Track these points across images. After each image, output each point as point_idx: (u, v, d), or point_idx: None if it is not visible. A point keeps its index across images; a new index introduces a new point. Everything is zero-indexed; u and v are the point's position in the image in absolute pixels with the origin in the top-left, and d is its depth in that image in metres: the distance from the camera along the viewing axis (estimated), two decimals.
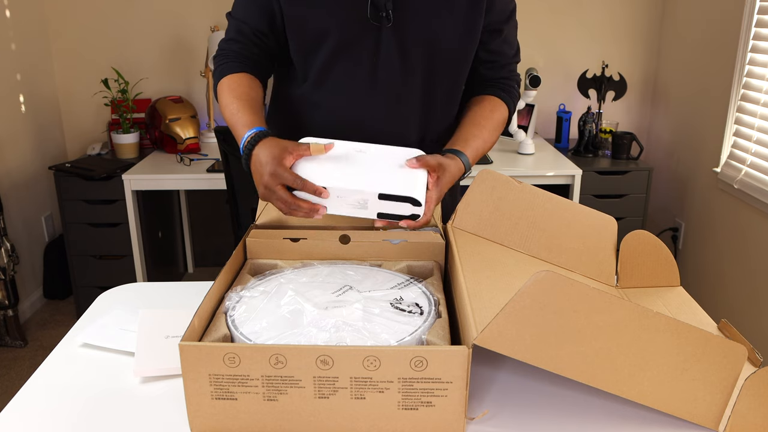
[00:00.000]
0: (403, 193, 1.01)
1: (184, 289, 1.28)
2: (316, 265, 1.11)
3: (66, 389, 0.95)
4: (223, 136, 2.30)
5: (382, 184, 1.02)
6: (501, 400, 0.92)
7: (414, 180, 1.04)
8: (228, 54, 1.23)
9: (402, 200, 1.02)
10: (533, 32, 3.15)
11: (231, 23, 1.25)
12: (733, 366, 0.81)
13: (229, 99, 1.17)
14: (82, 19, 3.05)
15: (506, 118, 1.31)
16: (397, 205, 1.02)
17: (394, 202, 1.02)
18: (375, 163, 1.05)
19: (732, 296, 2.59)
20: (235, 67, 1.21)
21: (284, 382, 0.80)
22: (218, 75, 1.23)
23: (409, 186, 1.02)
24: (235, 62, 1.21)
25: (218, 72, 1.23)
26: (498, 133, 1.28)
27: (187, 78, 3.16)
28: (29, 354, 2.64)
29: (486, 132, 1.24)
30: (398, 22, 1.18)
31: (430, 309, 0.96)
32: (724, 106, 2.61)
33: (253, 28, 1.21)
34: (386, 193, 1.01)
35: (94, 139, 3.21)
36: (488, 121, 1.26)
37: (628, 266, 1.15)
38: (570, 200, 1.18)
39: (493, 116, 1.27)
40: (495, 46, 1.27)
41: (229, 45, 1.24)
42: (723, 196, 2.63)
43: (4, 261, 2.57)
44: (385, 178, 1.03)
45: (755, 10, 2.40)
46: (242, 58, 1.22)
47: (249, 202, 2.42)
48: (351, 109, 1.23)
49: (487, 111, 1.27)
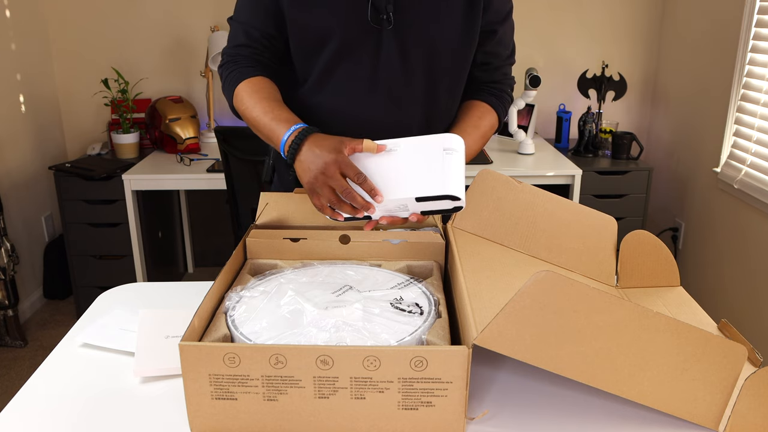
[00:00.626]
0: (440, 193, 0.99)
1: (184, 289, 1.28)
2: (316, 265, 1.11)
3: (66, 389, 0.95)
4: (223, 136, 2.30)
5: (418, 188, 1.00)
6: (501, 400, 0.92)
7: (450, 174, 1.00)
8: (239, 60, 1.21)
9: (441, 198, 1.00)
10: (533, 32, 3.15)
11: (237, 28, 1.22)
12: (733, 366, 0.81)
13: (253, 101, 1.14)
14: (82, 19, 3.05)
15: (495, 125, 1.31)
16: (437, 203, 1.01)
17: (434, 201, 1.01)
18: (408, 163, 1.02)
19: (732, 296, 2.59)
20: (250, 71, 1.19)
21: (284, 382, 0.80)
22: (234, 81, 1.19)
23: (445, 183, 0.99)
24: (249, 67, 1.19)
25: (233, 78, 1.19)
26: (485, 140, 1.28)
27: (187, 78, 3.16)
28: (29, 354, 2.64)
29: (470, 140, 1.24)
30: (399, 24, 1.18)
31: (430, 309, 0.96)
32: (724, 106, 2.61)
33: (263, 32, 1.20)
34: (423, 196, 1.00)
35: (94, 139, 3.21)
36: (474, 129, 1.26)
37: (628, 266, 1.15)
38: (570, 200, 1.18)
39: (480, 124, 1.27)
40: (489, 47, 1.27)
41: (239, 51, 1.21)
42: (723, 196, 2.63)
43: (4, 261, 2.57)
44: (420, 180, 1.00)
45: (755, 10, 2.40)
46: (255, 63, 1.21)
47: (249, 202, 2.42)
48: (352, 111, 1.23)
49: (475, 119, 1.28)
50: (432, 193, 0.99)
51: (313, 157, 1.02)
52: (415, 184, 1.00)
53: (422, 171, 1.01)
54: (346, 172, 1.00)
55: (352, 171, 1.00)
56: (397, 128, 1.24)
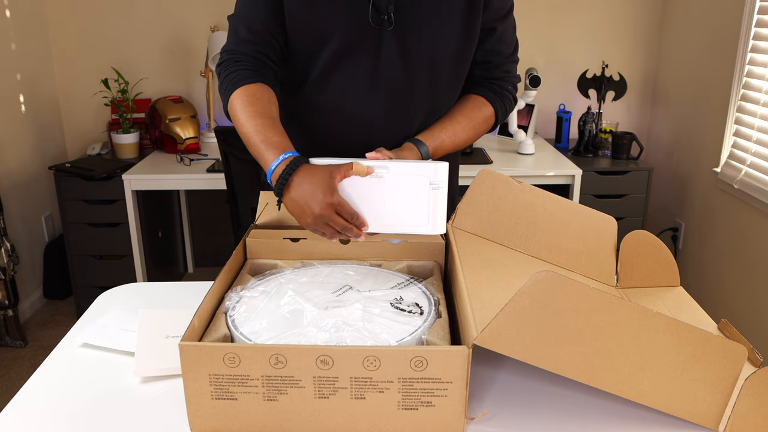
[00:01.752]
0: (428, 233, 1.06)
1: (184, 289, 1.28)
2: (316, 265, 1.11)
3: (66, 389, 0.95)
4: (223, 136, 2.30)
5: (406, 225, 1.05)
6: (501, 400, 0.92)
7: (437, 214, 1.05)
8: (239, 59, 1.15)
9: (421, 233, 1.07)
10: (533, 32, 3.15)
11: (238, 24, 1.18)
12: (733, 366, 0.81)
13: (246, 115, 1.09)
14: (82, 20, 3.05)
15: (490, 117, 1.29)
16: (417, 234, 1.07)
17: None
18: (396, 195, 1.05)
19: (732, 296, 2.59)
20: (248, 75, 1.13)
21: (284, 382, 0.80)
22: (230, 86, 1.14)
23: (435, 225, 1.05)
24: (248, 70, 1.14)
25: (230, 81, 1.14)
26: (476, 131, 1.27)
27: (187, 78, 3.16)
28: (29, 354, 2.64)
29: (458, 126, 1.24)
30: (399, 24, 1.18)
31: (430, 309, 0.96)
32: (724, 106, 2.61)
33: (266, 26, 1.16)
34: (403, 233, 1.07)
35: (94, 139, 3.21)
36: (464, 117, 1.26)
37: (628, 266, 1.15)
38: (570, 200, 1.18)
39: (473, 114, 1.27)
40: (490, 45, 1.26)
41: (240, 48, 1.16)
42: (723, 196, 2.63)
43: (4, 261, 2.57)
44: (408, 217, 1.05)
45: (755, 10, 2.40)
46: (255, 63, 1.16)
47: (249, 202, 2.42)
48: (352, 111, 1.23)
49: (468, 109, 1.27)
50: (420, 232, 1.05)
51: (306, 197, 1.00)
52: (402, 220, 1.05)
53: (410, 207, 1.05)
54: (342, 214, 1.02)
55: (347, 213, 1.02)
56: (397, 128, 1.24)
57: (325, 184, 1.00)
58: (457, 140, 1.24)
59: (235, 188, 2.41)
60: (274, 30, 1.17)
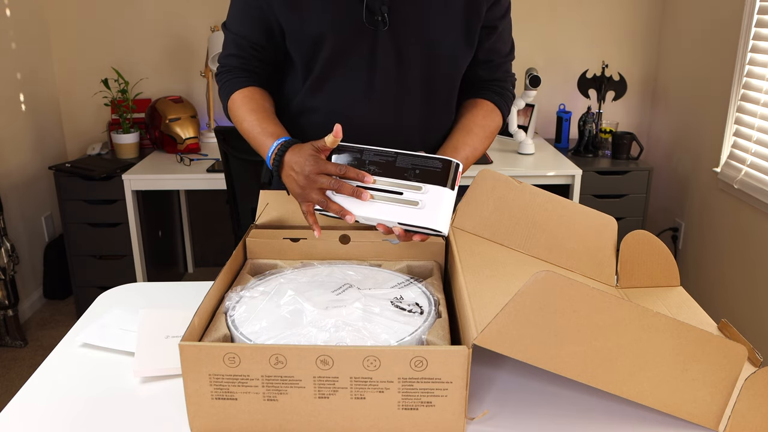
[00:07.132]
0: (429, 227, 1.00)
1: (184, 289, 1.28)
2: (316, 265, 1.11)
3: (66, 389, 0.95)
4: (223, 136, 2.30)
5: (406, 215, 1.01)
6: (501, 400, 0.92)
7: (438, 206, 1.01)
8: (231, 70, 1.25)
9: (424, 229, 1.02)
10: (533, 32, 3.15)
11: (228, 37, 1.26)
12: (733, 366, 0.81)
13: (244, 112, 1.20)
14: (82, 19, 3.05)
15: (499, 124, 1.31)
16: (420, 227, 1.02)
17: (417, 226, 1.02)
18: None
19: (732, 296, 2.59)
20: (242, 81, 1.24)
21: (284, 382, 0.80)
22: (227, 91, 1.24)
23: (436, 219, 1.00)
24: (241, 77, 1.24)
25: (226, 88, 1.25)
26: (490, 140, 1.28)
27: (187, 78, 3.16)
28: (29, 354, 2.64)
29: (477, 139, 1.24)
30: (394, 25, 1.17)
31: (430, 309, 0.96)
32: (724, 106, 2.61)
33: (251, 42, 1.23)
34: (407, 224, 1.01)
35: (94, 139, 3.21)
36: (480, 128, 1.26)
37: (628, 266, 1.15)
38: (570, 200, 1.18)
39: (486, 123, 1.27)
40: (490, 44, 1.26)
41: (229, 60, 1.26)
42: (723, 196, 2.63)
43: (4, 261, 2.57)
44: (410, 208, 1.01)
45: (755, 10, 2.40)
46: (245, 72, 1.25)
47: (249, 202, 2.42)
48: (349, 114, 1.23)
49: (480, 118, 1.27)
50: (419, 224, 1.01)
51: (295, 166, 1.07)
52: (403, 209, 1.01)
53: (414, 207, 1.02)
54: (328, 171, 1.04)
55: (333, 168, 1.04)
56: (394, 130, 1.24)
57: (306, 152, 1.06)
58: (476, 154, 1.25)
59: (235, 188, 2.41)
60: (260, 45, 1.24)
